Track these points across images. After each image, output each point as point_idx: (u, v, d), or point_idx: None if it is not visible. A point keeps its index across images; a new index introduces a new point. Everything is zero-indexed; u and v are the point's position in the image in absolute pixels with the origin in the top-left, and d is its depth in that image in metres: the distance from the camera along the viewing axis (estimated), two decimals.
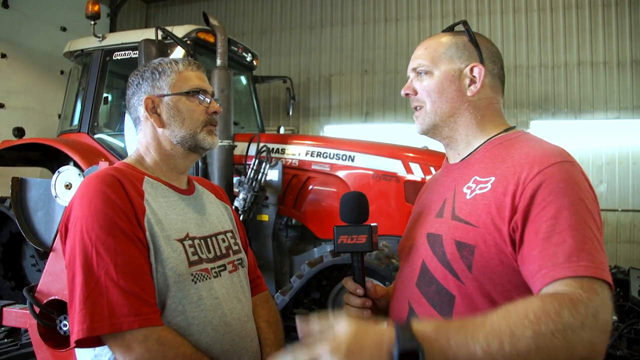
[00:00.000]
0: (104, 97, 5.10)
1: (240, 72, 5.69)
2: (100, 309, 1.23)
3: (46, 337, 2.59)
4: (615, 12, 7.06)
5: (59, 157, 4.89)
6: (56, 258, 2.68)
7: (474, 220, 1.20)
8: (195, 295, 1.39)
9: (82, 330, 1.22)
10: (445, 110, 1.38)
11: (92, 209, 1.30)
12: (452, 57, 1.38)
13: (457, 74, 1.37)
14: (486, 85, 1.37)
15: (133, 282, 1.27)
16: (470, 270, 1.19)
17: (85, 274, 1.25)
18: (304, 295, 3.73)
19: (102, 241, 1.27)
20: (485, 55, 1.38)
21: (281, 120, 8.07)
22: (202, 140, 1.53)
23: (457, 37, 1.41)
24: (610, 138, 7.01)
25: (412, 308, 1.33)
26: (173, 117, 1.51)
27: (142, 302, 1.27)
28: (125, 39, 4.97)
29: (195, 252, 1.44)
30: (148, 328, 1.26)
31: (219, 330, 1.43)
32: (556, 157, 1.16)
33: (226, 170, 4.20)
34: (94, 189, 1.33)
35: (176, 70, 1.54)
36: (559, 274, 1.03)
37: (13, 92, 6.75)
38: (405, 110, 7.98)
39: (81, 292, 1.24)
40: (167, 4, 9.65)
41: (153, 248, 1.35)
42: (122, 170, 1.45)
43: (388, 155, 4.12)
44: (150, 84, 1.53)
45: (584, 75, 7.19)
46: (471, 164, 1.34)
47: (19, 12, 6.78)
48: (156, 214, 1.40)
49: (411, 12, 8.06)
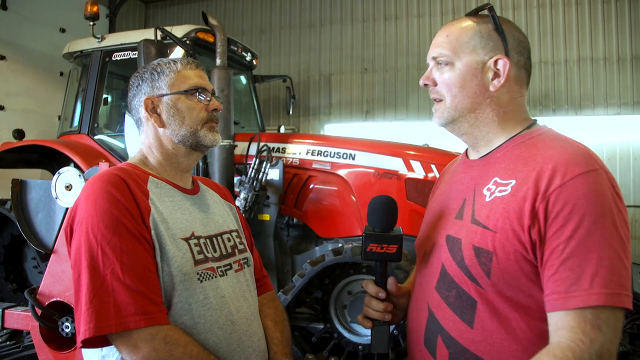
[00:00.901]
0: (104, 98, 5.08)
1: (240, 71, 5.68)
2: (107, 308, 1.23)
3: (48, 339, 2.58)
4: (615, 8, 7.05)
5: (59, 159, 4.88)
6: (58, 260, 2.67)
7: (492, 225, 1.17)
8: (201, 294, 1.39)
9: (88, 330, 1.22)
10: (466, 106, 1.30)
11: (98, 208, 1.30)
12: (475, 47, 1.29)
13: (480, 66, 1.28)
14: (511, 78, 1.29)
15: (139, 280, 1.27)
16: (489, 277, 1.16)
17: (91, 273, 1.25)
18: (306, 294, 3.72)
19: (108, 240, 1.27)
20: (512, 45, 1.29)
21: (281, 120, 8.07)
22: (204, 138, 1.53)
23: (482, 24, 1.31)
24: (611, 134, 7.02)
25: (432, 312, 1.30)
26: (173, 116, 1.52)
27: (148, 300, 1.27)
28: (125, 39, 4.96)
29: (200, 251, 1.44)
30: (155, 327, 1.26)
31: (226, 329, 1.43)
32: (580, 167, 1.10)
33: (227, 170, 4.19)
34: (99, 189, 1.33)
35: (174, 69, 1.54)
36: (569, 303, 1.02)
37: (13, 94, 6.75)
38: (406, 109, 7.98)
39: (87, 292, 1.24)
40: (166, 4, 9.65)
41: (159, 247, 1.35)
42: (126, 170, 1.46)
43: (389, 153, 4.10)
44: (149, 84, 1.54)
45: (584, 72, 7.18)
46: (492, 163, 1.29)
47: (18, 14, 6.78)
48: (161, 213, 1.41)
49: (411, 10, 8.05)
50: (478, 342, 1.19)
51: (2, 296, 4.50)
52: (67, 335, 2.57)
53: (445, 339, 1.26)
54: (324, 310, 3.63)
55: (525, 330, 1.14)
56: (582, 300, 1.01)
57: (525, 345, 1.14)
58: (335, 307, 3.65)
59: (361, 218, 4.09)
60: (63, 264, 2.63)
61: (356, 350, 3.53)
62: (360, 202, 4.10)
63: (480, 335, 1.19)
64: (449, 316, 1.25)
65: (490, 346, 1.17)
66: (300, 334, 3.74)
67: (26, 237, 2.98)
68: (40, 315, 2.55)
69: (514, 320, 1.15)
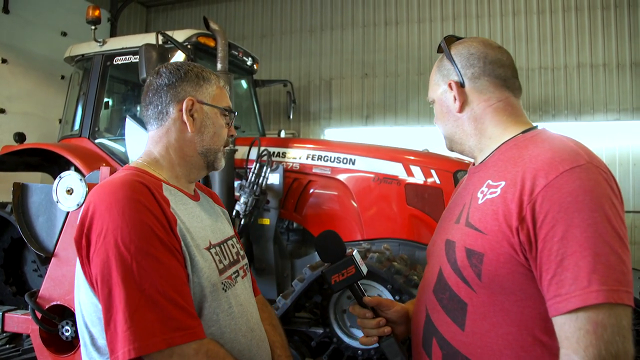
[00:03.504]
0: (105, 102, 5.09)
1: (240, 76, 5.69)
2: (151, 325, 1.16)
3: (48, 342, 2.59)
4: (615, 14, 7.07)
5: (60, 162, 4.88)
6: (58, 263, 2.68)
7: (483, 227, 1.18)
8: (226, 304, 1.38)
9: (133, 350, 1.14)
10: (449, 132, 1.44)
11: (127, 218, 1.21)
12: (437, 82, 1.43)
13: (443, 96, 1.41)
14: (471, 92, 1.36)
15: (178, 294, 1.22)
16: (480, 279, 1.17)
17: (127, 288, 1.17)
18: (305, 298, 3.72)
19: (145, 252, 1.20)
20: (460, 63, 1.37)
21: (282, 124, 8.08)
22: (220, 160, 1.55)
23: (441, 58, 1.44)
24: (610, 140, 7.02)
25: (429, 314, 1.33)
26: (207, 127, 1.49)
27: (188, 315, 1.23)
28: (126, 43, 4.97)
29: (220, 260, 1.43)
30: (198, 341, 1.22)
31: (247, 337, 1.43)
32: (565, 164, 1.09)
33: (227, 174, 4.19)
34: (125, 197, 1.24)
35: (218, 84, 1.55)
36: (570, 304, 1.01)
37: (14, 97, 6.76)
38: (406, 114, 8.00)
39: (125, 308, 1.16)
40: (167, 9, 9.68)
41: (189, 258, 1.31)
42: (143, 176, 1.37)
43: (389, 159, 4.11)
44: (194, 86, 1.49)
45: (584, 77, 7.20)
46: (487, 167, 1.32)
47: (20, 17, 6.80)
48: (184, 223, 1.36)
49: (411, 15, 8.08)
50: (469, 345, 1.20)
51: (1, 299, 4.50)
52: (67, 338, 2.57)
53: (439, 341, 1.28)
54: (323, 315, 3.63)
55: (516, 335, 1.14)
56: (581, 300, 0.99)
57: (516, 351, 1.14)
58: (334, 312, 3.65)
59: (361, 223, 4.09)
60: (63, 268, 2.64)
61: (355, 355, 3.53)
62: (360, 207, 4.10)
63: (471, 337, 1.20)
64: (442, 318, 1.27)
65: (481, 349, 1.18)
66: (300, 338, 3.73)
67: (27, 241, 2.98)
68: (40, 318, 2.56)
69: (504, 325, 1.15)
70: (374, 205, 4.08)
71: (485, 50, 1.36)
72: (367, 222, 4.07)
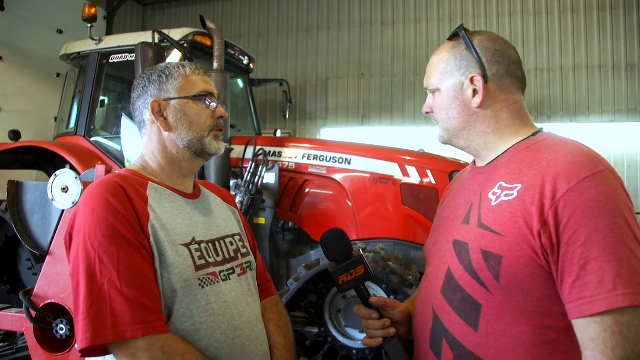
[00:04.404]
0: (101, 100, 5.08)
1: (237, 75, 5.69)
2: (104, 318, 1.22)
3: (42, 341, 2.58)
4: (610, 16, 7.10)
5: (55, 160, 4.87)
6: (53, 262, 2.67)
7: (501, 229, 1.18)
8: (203, 300, 1.38)
9: (85, 340, 1.21)
10: (455, 125, 1.37)
11: (95, 216, 1.29)
12: (452, 70, 1.36)
13: (459, 87, 1.35)
14: (493, 90, 1.33)
15: (137, 289, 1.25)
16: (498, 281, 1.17)
17: (89, 282, 1.24)
18: (300, 298, 3.72)
19: (105, 249, 1.26)
20: (486, 58, 1.33)
21: (278, 123, 8.07)
22: (209, 145, 1.52)
23: (456, 47, 1.38)
24: (605, 141, 7.03)
25: (437, 315, 1.32)
26: (180, 120, 1.50)
27: (146, 310, 1.25)
28: (122, 41, 4.96)
29: (202, 256, 1.43)
30: (152, 336, 1.24)
31: (229, 335, 1.42)
32: (586, 169, 1.12)
33: (223, 173, 4.20)
34: (97, 197, 1.32)
35: (183, 74, 1.54)
36: (596, 307, 1.03)
37: (9, 95, 6.73)
38: (402, 114, 8.01)
39: (85, 301, 1.24)
40: (163, 7, 9.66)
41: (158, 254, 1.33)
42: (125, 177, 1.44)
43: (384, 159, 4.12)
44: (157, 87, 1.52)
45: (580, 79, 7.22)
46: (497, 169, 1.31)
47: (15, 15, 6.76)
48: (160, 219, 1.39)
49: (408, 15, 8.08)
50: (483, 346, 1.21)
51: None
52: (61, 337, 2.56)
53: (450, 342, 1.27)
54: (318, 314, 3.64)
55: (530, 335, 1.15)
56: (608, 303, 1.02)
57: (530, 350, 1.15)
58: (329, 311, 3.66)
59: (357, 223, 4.10)
60: (58, 266, 2.63)
61: (350, 354, 3.54)
62: (356, 207, 4.11)
63: (485, 338, 1.20)
64: (453, 319, 1.27)
65: (495, 349, 1.19)
66: (295, 337, 3.73)
67: (21, 239, 2.97)
68: (34, 317, 2.55)
69: (519, 325, 1.16)
70: (370, 205, 4.09)
71: (508, 49, 1.38)
72: (363, 222, 4.08)
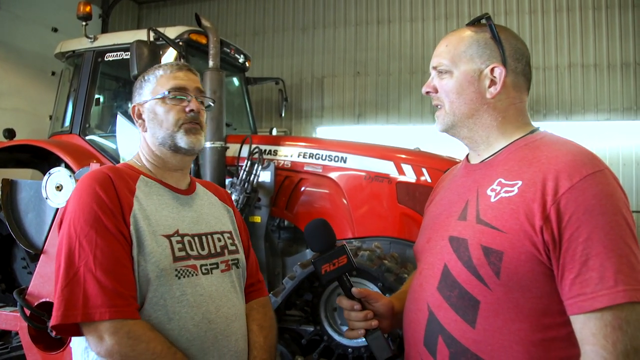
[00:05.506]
0: (96, 99, 5.06)
1: (232, 73, 5.68)
2: (76, 298, 1.29)
3: (37, 339, 2.58)
4: (606, 15, 7.13)
5: (50, 159, 4.85)
6: (47, 260, 2.67)
7: (501, 225, 1.19)
8: (177, 291, 1.42)
9: (56, 317, 1.29)
10: (464, 112, 1.35)
11: (81, 203, 1.39)
12: (472, 56, 1.34)
13: (476, 74, 1.33)
14: (508, 85, 1.33)
15: (111, 274, 1.32)
16: (498, 277, 1.17)
17: (67, 264, 1.33)
18: (296, 296, 3.72)
19: (85, 234, 1.34)
20: (509, 52, 1.33)
21: (273, 122, 8.08)
22: (180, 140, 1.57)
23: (480, 33, 1.36)
24: (600, 140, 7.07)
25: (433, 312, 1.31)
26: (152, 120, 1.59)
27: (117, 294, 1.31)
28: (117, 40, 4.95)
29: (182, 249, 1.48)
30: (119, 320, 1.30)
31: (201, 327, 1.44)
32: (587, 167, 1.14)
33: (218, 171, 4.19)
34: (86, 186, 1.42)
35: (157, 75, 1.62)
36: (597, 303, 1.05)
37: (4, 93, 6.72)
38: (398, 112, 8.01)
39: (61, 281, 1.32)
40: (159, 5, 9.64)
41: (137, 243, 1.40)
42: (117, 169, 1.54)
43: (380, 157, 4.11)
44: (138, 92, 1.64)
45: (575, 77, 7.25)
46: (495, 165, 1.32)
47: (10, 13, 6.75)
48: (145, 210, 1.46)
49: (403, 14, 8.09)
50: (480, 342, 1.20)
51: None
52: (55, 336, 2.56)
53: (446, 339, 1.27)
54: (314, 313, 3.63)
55: (528, 332, 1.16)
56: (609, 299, 1.03)
57: (527, 347, 1.15)
58: (325, 310, 3.65)
59: (352, 221, 4.10)
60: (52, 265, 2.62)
61: (346, 352, 3.54)
62: (351, 205, 4.10)
63: (482, 335, 1.20)
64: (450, 316, 1.26)
65: (491, 346, 1.19)
66: (290, 336, 3.73)
67: (16, 238, 2.97)
68: (29, 315, 2.54)
69: (517, 321, 1.17)
70: (365, 203, 4.08)
71: (526, 49, 1.39)
72: (358, 220, 4.08)
